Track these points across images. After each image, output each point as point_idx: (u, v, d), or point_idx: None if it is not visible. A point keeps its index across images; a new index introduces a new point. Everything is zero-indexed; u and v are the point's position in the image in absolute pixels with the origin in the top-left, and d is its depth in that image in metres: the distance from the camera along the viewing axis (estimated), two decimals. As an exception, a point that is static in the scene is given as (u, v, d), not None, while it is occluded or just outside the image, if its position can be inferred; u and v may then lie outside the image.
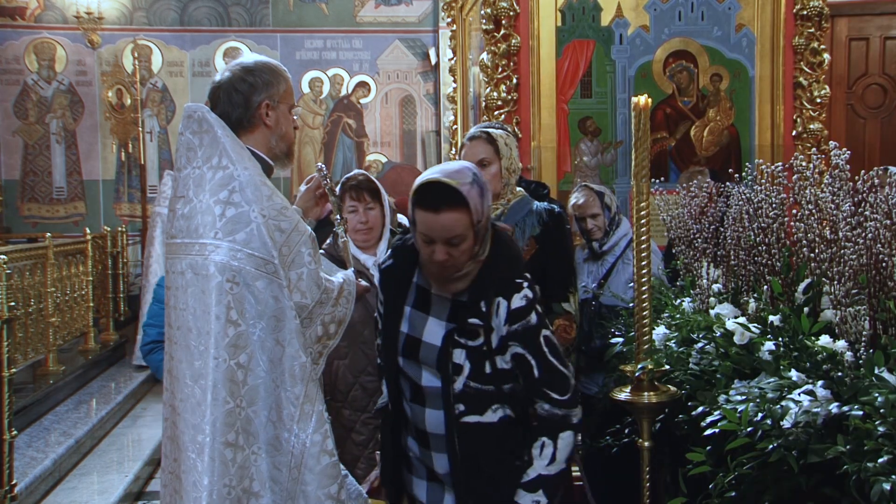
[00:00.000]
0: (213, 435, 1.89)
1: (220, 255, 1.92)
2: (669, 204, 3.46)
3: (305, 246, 2.02)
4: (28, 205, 9.68)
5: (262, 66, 2.13)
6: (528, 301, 1.98)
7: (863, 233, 1.87)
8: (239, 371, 1.91)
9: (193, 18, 9.84)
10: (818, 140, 4.15)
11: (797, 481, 1.71)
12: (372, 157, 10.14)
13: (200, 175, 1.99)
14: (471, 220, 1.91)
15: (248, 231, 1.93)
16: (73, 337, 6.69)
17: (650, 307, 2.25)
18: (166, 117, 9.87)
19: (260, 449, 1.94)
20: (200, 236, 1.95)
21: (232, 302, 1.91)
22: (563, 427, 1.98)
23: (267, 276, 1.93)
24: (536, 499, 1.95)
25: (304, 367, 1.96)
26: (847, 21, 6.28)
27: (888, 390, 1.66)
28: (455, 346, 1.98)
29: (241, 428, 1.91)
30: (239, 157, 2.00)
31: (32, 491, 4.20)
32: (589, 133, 4.31)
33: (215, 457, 1.88)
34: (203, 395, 1.92)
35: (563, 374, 2.00)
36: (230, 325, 1.91)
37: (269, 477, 1.94)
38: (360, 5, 10.07)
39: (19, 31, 9.58)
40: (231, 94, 2.08)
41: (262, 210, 1.95)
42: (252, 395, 1.92)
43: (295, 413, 1.95)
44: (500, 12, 4.07)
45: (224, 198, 1.94)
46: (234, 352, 1.91)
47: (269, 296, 1.93)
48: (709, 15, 4.27)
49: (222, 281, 1.91)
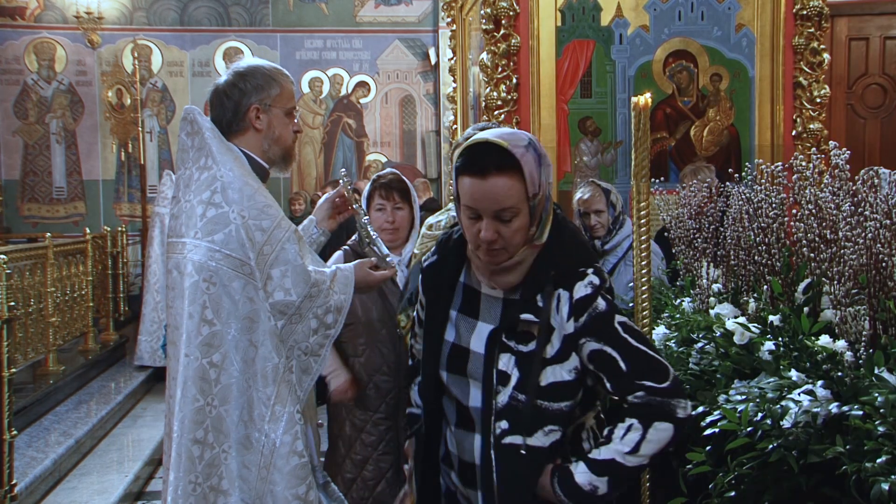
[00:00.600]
0: (181, 431, 1.92)
1: (198, 255, 1.95)
2: (669, 204, 3.46)
3: (290, 242, 2.02)
4: (28, 205, 9.68)
5: (255, 70, 2.14)
6: (593, 288, 1.63)
7: (863, 233, 1.87)
8: (212, 370, 1.94)
9: (193, 18, 9.84)
10: (818, 140, 4.15)
11: (797, 481, 1.71)
12: (372, 156, 10.15)
13: (189, 176, 2.03)
14: (525, 192, 1.59)
15: (227, 232, 1.95)
16: (73, 337, 6.69)
17: (650, 307, 2.25)
18: (166, 117, 9.87)
19: (230, 447, 1.96)
20: (183, 236, 2.00)
21: (208, 301, 1.94)
22: (662, 416, 1.60)
23: (243, 276, 1.95)
24: (596, 484, 1.60)
25: (276, 369, 1.98)
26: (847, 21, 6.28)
27: (888, 390, 1.66)
28: (502, 349, 1.65)
29: (212, 426, 1.94)
30: (223, 158, 2.02)
31: (32, 491, 4.20)
32: (589, 133, 4.31)
33: (182, 453, 1.92)
34: (175, 394, 1.97)
35: (656, 360, 1.64)
36: (204, 324, 1.94)
37: (239, 475, 1.97)
38: (360, 5, 10.08)
39: (19, 31, 9.59)
40: (223, 98, 2.12)
41: (242, 211, 1.97)
42: (225, 393, 1.95)
43: (266, 413, 1.97)
44: (500, 12, 4.07)
45: (206, 198, 1.98)
46: (207, 350, 1.94)
47: (244, 297, 1.95)
48: (709, 15, 4.27)
49: (199, 280, 1.94)
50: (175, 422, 1.94)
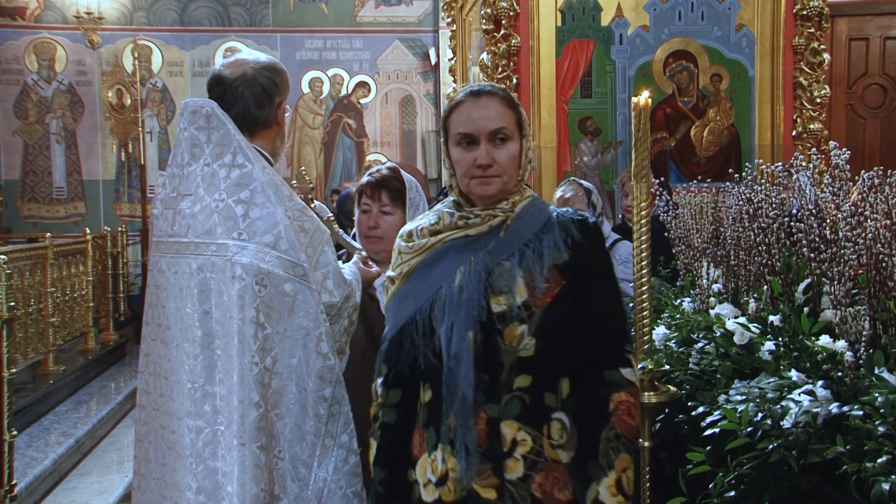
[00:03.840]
0: (245, 440, 1.82)
1: (247, 257, 1.85)
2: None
3: (328, 245, 1.99)
4: (28, 205, 9.68)
5: (277, 65, 2.11)
6: None
7: (863, 233, 1.87)
8: (266, 374, 1.86)
9: (193, 18, 9.84)
10: (818, 140, 4.16)
11: (797, 481, 1.71)
12: (372, 156, 10.14)
13: (212, 173, 1.92)
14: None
15: (276, 233, 1.87)
16: (73, 337, 6.69)
17: (650, 307, 2.25)
18: (166, 117, 9.87)
19: (281, 452, 1.89)
20: (218, 236, 1.88)
21: (260, 305, 1.85)
22: None
23: (296, 279, 1.88)
24: None
25: (332, 370, 1.92)
26: (847, 21, 6.27)
27: (888, 390, 1.66)
28: None
29: (268, 431, 1.87)
30: (256, 155, 1.95)
31: (32, 491, 4.20)
32: (589, 133, 4.31)
33: (247, 462, 1.82)
34: (223, 399, 1.86)
35: None
36: (259, 328, 1.85)
37: (291, 479, 1.89)
38: (360, 5, 10.08)
39: (19, 31, 9.59)
40: (258, 92, 2.02)
41: (287, 211, 1.90)
42: (276, 398, 1.87)
43: (324, 415, 1.91)
44: (500, 12, 4.07)
45: (246, 198, 1.88)
46: (263, 355, 1.85)
47: (297, 299, 1.88)
48: (709, 15, 4.27)
49: (250, 283, 1.84)
50: (225, 430, 1.85)
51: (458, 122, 1.65)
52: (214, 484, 1.88)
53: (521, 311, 1.58)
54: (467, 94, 1.67)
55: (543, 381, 1.60)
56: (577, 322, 1.63)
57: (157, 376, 2.02)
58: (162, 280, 2.00)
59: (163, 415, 2.00)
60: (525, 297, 1.59)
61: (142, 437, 2.08)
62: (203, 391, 1.89)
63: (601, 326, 1.65)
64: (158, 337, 2.02)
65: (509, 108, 1.66)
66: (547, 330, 1.59)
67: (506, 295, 1.59)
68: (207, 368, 1.89)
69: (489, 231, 1.65)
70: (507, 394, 1.58)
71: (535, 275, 1.61)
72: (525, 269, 1.61)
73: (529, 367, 1.59)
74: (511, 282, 1.60)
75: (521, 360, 1.59)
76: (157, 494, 2.02)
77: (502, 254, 1.63)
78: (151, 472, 2.04)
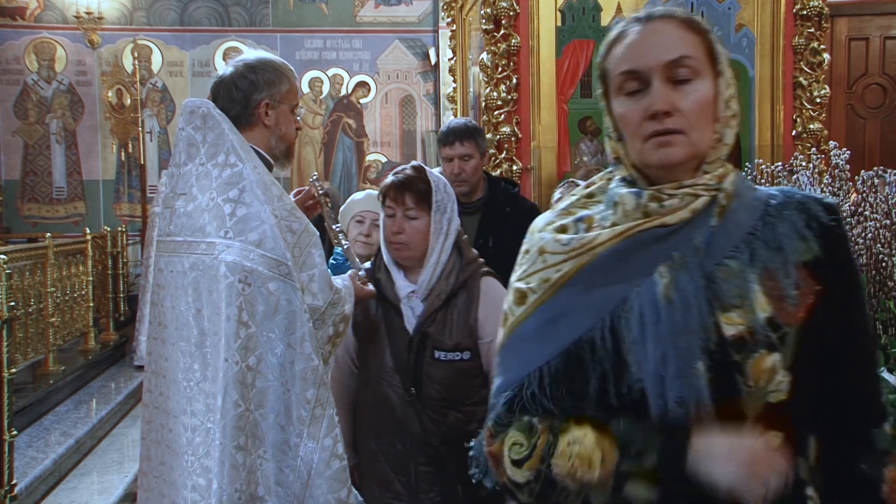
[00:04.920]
0: (224, 439, 1.82)
1: (232, 255, 1.85)
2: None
3: (316, 247, 1.97)
4: (28, 205, 9.68)
5: (266, 63, 2.08)
6: None
7: (863, 233, 1.87)
8: (249, 374, 1.84)
9: (193, 18, 9.84)
10: (818, 140, 4.15)
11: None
12: (372, 157, 10.14)
13: (205, 172, 1.93)
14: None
15: (261, 231, 1.87)
16: (73, 337, 6.69)
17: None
18: (166, 117, 9.87)
19: (266, 452, 1.87)
20: (207, 235, 1.89)
21: (243, 303, 1.84)
22: None
23: (280, 277, 1.87)
24: None
25: (315, 371, 1.90)
26: (847, 21, 6.28)
27: (888, 390, 1.66)
28: None
29: (249, 431, 1.85)
30: (248, 155, 1.95)
31: (32, 491, 4.20)
32: (589, 133, 4.31)
33: (225, 461, 1.81)
34: (214, 397, 1.86)
35: None
36: (241, 327, 1.84)
37: (275, 481, 1.88)
38: (360, 5, 10.08)
39: (19, 31, 9.58)
40: (231, 90, 2.03)
41: (275, 210, 1.89)
42: (260, 398, 1.86)
43: (306, 417, 1.89)
44: (500, 12, 4.07)
45: (234, 196, 1.88)
46: (245, 354, 1.84)
47: (281, 298, 1.87)
48: (709, 15, 4.27)
49: (234, 281, 1.84)
50: (216, 428, 1.84)
51: (619, 58, 1.16)
52: (208, 482, 1.88)
53: (769, 331, 1.07)
54: (632, 20, 1.20)
55: (795, 440, 1.07)
56: (838, 348, 1.12)
57: (157, 375, 2.03)
58: (161, 279, 2.01)
59: (162, 413, 2.00)
60: (769, 312, 1.08)
61: (144, 435, 2.09)
62: (198, 389, 1.90)
63: (861, 357, 1.14)
64: (159, 336, 2.03)
65: (693, 32, 1.16)
66: (808, 360, 1.09)
67: (740, 310, 1.08)
68: (201, 367, 1.89)
69: (692, 217, 1.13)
70: None
71: (777, 277, 1.10)
72: (762, 270, 1.10)
73: (779, 420, 1.06)
74: (745, 289, 1.09)
75: (768, 409, 1.07)
76: (156, 493, 2.02)
77: (721, 250, 1.11)
78: (152, 471, 2.04)
